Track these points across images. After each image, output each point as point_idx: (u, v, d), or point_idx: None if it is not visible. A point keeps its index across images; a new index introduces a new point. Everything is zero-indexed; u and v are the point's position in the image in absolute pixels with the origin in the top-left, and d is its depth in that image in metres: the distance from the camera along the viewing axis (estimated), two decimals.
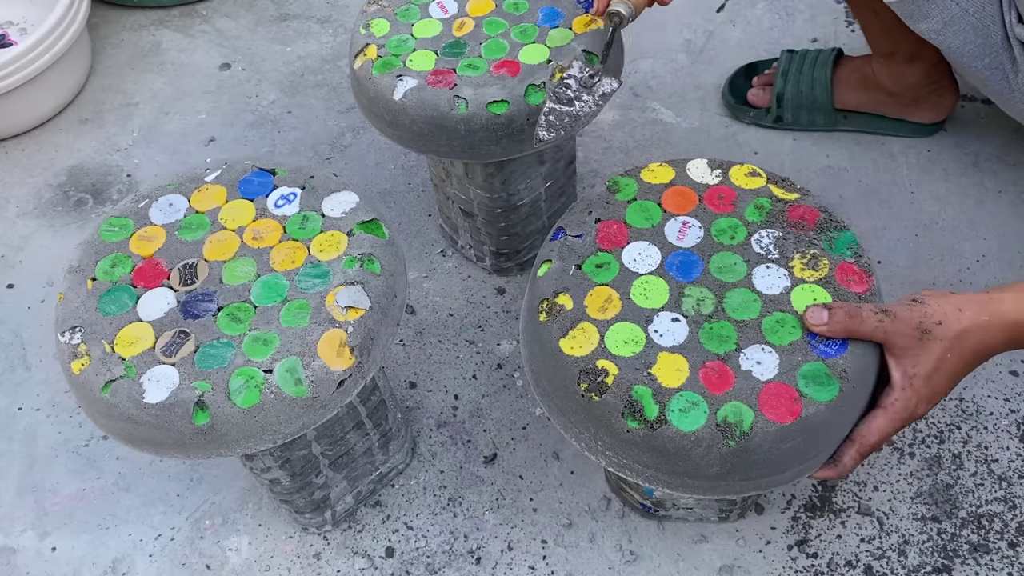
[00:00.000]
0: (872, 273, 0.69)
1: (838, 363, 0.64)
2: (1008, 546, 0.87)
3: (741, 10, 1.42)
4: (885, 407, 0.65)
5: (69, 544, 0.95)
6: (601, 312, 0.68)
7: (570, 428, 0.68)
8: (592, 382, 0.65)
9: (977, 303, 0.64)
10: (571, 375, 0.66)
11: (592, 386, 0.65)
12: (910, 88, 1.13)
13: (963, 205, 1.13)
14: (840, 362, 0.64)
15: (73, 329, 0.69)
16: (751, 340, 0.66)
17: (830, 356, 0.64)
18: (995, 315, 0.64)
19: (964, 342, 0.63)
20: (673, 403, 0.63)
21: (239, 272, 0.72)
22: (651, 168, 0.78)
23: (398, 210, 1.21)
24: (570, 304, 0.69)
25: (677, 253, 0.72)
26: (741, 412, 0.62)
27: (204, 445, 0.66)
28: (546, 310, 0.69)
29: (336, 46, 1.45)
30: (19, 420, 1.04)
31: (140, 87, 1.42)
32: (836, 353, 0.64)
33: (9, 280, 1.18)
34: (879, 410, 0.65)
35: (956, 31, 0.83)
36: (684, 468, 0.64)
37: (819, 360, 0.64)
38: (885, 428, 0.65)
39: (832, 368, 0.64)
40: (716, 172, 0.77)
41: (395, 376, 1.04)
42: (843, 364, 0.64)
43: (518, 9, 0.92)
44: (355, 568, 0.90)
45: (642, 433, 0.63)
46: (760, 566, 0.88)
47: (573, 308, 0.69)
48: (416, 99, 0.85)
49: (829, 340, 0.65)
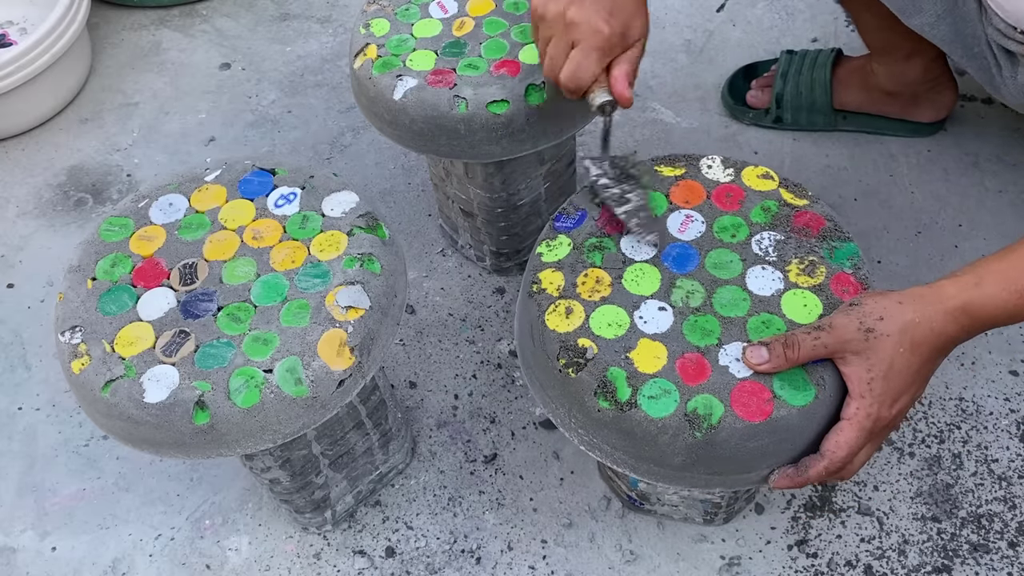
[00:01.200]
0: (868, 286, 0.69)
1: (818, 370, 0.64)
2: (1008, 546, 0.87)
3: (741, 10, 1.42)
4: (849, 418, 0.63)
5: (69, 544, 0.95)
6: (591, 293, 0.69)
7: (547, 402, 0.70)
8: (571, 359, 0.66)
9: (917, 295, 0.63)
10: (552, 349, 0.67)
11: (570, 362, 0.66)
12: (908, 86, 1.13)
13: (963, 205, 1.13)
14: (820, 369, 0.64)
15: (73, 329, 0.69)
16: (734, 337, 0.66)
17: (811, 363, 0.64)
18: (937, 303, 0.62)
19: (913, 334, 0.62)
20: (645, 388, 0.64)
21: (239, 272, 0.72)
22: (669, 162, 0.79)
23: (398, 210, 1.21)
24: (562, 282, 0.70)
25: (675, 245, 0.72)
26: (711, 405, 0.63)
27: (204, 445, 0.66)
28: (538, 284, 0.71)
29: (336, 46, 1.45)
30: (19, 420, 1.04)
31: (140, 87, 1.42)
32: (818, 360, 0.64)
33: (9, 280, 1.18)
34: (843, 422, 0.63)
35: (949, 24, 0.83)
36: (650, 454, 0.65)
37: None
38: (852, 441, 0.63)
39: (811, 374, 0.64)
40: (729, 171, 0.77)
41: (395, 376, 1.04)
42: (822, 371, 0.64)
43: (518, 9, 0.92)
44: (355, 568, 0.90)
45: (612, 414, 0.64)
46: (760, 566, 0.88)
47: (564, 286, 0.70)
48: (416, 99, 0.85)
49: None
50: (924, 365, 0.63)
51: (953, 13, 0.82)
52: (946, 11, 0.82)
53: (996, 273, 0.63)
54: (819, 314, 0.67)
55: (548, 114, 0.85)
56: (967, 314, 0.62)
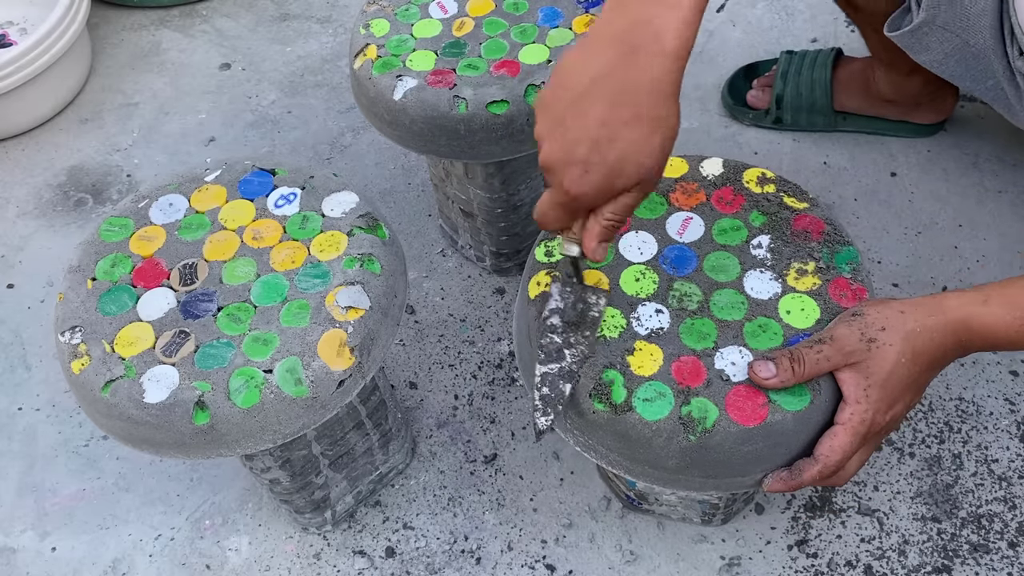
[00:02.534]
0: (868, 289, 0.69)
1: None
2: (1008, 546, 0.87)
3: (741, 10, 1.42)
4: (843, 423, 0.62)
5: (69, 544, 0.95)
6: None
7: None
8: None
9: (919, 304, 0.63)
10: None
11: None
12: (910, 96, 1.13)
13: (963, 205, 1.13)
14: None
15: (73, 329, 0.69)
16: (730, 340, 0.66)
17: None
18: (940, 313, 0.62)
19: (914, 343, 0.61)
20: (641, 391, 0.64)
21: (239, 272, 0.72)
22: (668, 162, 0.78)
23: (398, 210, 1.21)
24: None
25: (674, 247, 0.72)
26: (706, 409, 0.63)
27: (204, 445, 0.66)
28: (536, 286, 0.70)
29: (336, 46, 1.45)
30: (19, 420, 1.04)
31: (140, 87, 1.42)
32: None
33: (9, 280, 1.18)
34: (837, 427, 0.63)
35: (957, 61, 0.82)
36: (645, 456, 0.65)
37: None
38: (846, 445, 0.62)
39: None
40: (729, 173, 0.77)
41: (395, 376, 1.04)
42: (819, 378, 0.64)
43: (518, 9, 0.92)
44: (355, 568, 0.90)
45: (606, 416, 0.64)
46: (760, 566, 0.88)
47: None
48: (416, 99, 0.85)
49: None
50: (922, 374, 0.63)
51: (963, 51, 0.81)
52: (955, 49, 0.81)
53: (1002, 296, 0.63)
54: (816, 319, 0.67)
55: None
56: (968, 328, 0.62)
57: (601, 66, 0.56)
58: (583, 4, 0.91)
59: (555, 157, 0.57)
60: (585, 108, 0.55)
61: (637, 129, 0.55)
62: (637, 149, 0.56)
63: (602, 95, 0.55)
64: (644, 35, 0.55)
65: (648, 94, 0.55)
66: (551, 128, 0.57)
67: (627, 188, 0.57)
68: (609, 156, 0.55)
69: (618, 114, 0.55)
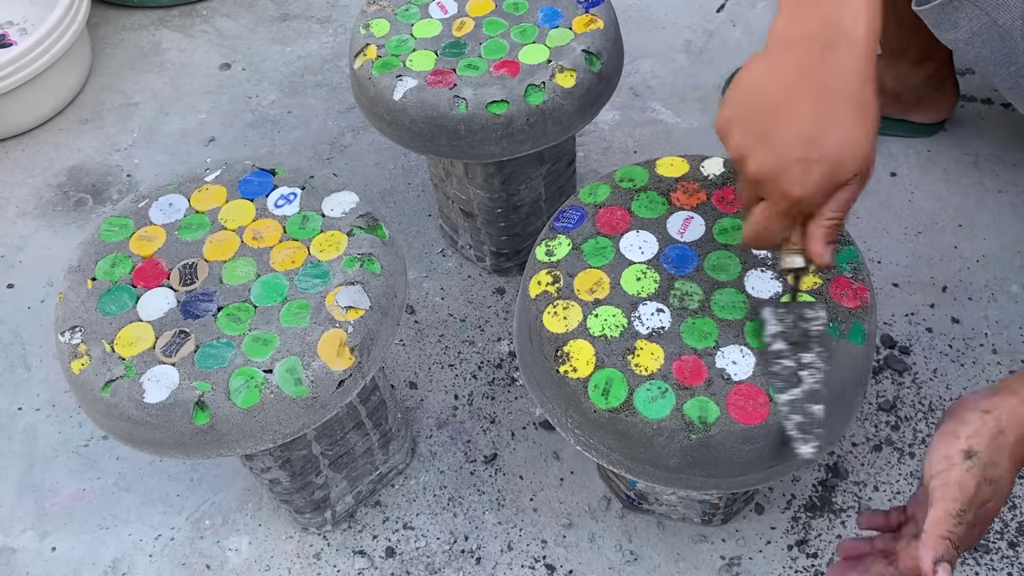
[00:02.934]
0: (868, 289, 0.69)
1: None
2: (1008, 546, 0.87)
3: (741, 10, 1.42)
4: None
5: (69, 544, 0.95)
6: (589, 293, 0.70)
7: (545, 402, 0.70)
8: (568, 359, 0.66)
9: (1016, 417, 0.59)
10: (549, 350, 0.67)
11: (567, 363, 0.66)
12: (913, 88, 1.13)
13: (963, 205, 1.13)
14: None
15: (73, 329, 0.69)
16: (731, 339, 0.66)
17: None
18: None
19: (1015, 455, 0.58)
20: (642, 390, 0.64)
21: (239, 272, 0.72)
22: (669, 161, 0.79)
23: (398, 210, 1.21)
24: (561, 282, 0.70)
25: (675, 246, 0.72)
26: (707, 408, 0.63)
27: (204, 445, 0.66)
28: (537, 285, 0.71)
29: (336, 46, 1.45)
30: (19, 420, 1.04)
31: (140, 87, 1.42)
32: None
33: (9, 280, 1.18)
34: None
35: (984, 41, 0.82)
36: (646, 455, 0.65)
37: None
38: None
39: None
40: (730, 172, 0.77)
41: (395, 376, 1.04)
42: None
43: (518, 9, 0.92)
44: (355, 568, 0.90)
45: (608, 415, 0.64)
46: (760, 566, 0.88)
47: (563, 286, 0.70)
48: (416, 99, 0.85)
49: None
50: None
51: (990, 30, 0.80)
52: (983, 28, 0.80)
53: None
54: None
55: (548, 114, 0.85)
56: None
57: (797, 67, 0.57)
58: (583, 4, 0.91)
59: (769, 166, 0.57)
60: (791, 110, 0.56)
61: (848, 119, 0.56)
62: (853, 139, 0.56)
63: (807, 93, 0.56)
64: (838, 30, 0.56)
65: (853, 85, 0.56)
66: (754, 141, 0.57)
67: (847, 181, 0.57)
68: (828, 150, 0.56)
69: (829, 108, 0.56)
